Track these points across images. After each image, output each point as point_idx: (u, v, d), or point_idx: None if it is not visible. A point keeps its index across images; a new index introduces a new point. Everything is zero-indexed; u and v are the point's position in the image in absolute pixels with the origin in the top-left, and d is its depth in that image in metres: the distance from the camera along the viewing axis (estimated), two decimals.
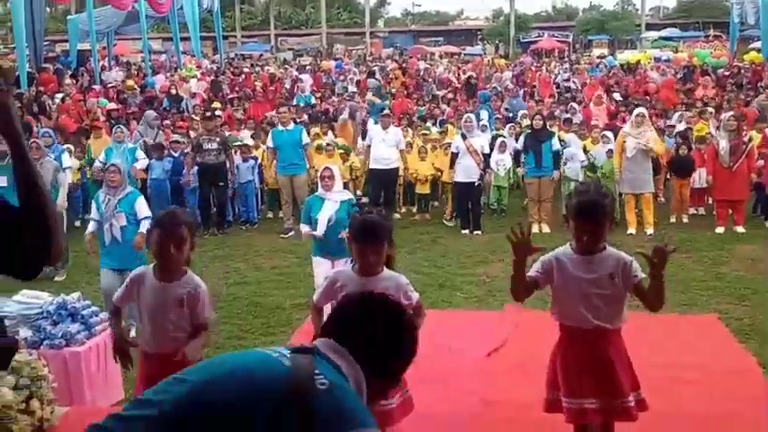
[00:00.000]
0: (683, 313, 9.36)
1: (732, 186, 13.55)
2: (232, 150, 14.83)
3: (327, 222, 8.32)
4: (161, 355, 5.08)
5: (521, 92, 24.08)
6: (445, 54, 48.28)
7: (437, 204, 16.07)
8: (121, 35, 37.26)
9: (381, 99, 23.76)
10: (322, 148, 15.35)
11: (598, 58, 39.76)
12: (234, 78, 29.64)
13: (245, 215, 15.25)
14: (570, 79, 28.30)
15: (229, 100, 23.65)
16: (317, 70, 34.11)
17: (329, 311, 5.13)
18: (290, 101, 23.27)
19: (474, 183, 13.76)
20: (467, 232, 13.91)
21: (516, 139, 15.75)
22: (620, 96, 23.39)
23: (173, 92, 24.06)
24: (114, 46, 35.59)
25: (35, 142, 11.83)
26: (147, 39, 33.12)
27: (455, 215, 14.67)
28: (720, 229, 13.48)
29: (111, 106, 21.58)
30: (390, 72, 31.51)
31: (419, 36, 65.24)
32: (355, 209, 8.11)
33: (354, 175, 15.62)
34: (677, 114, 18.43)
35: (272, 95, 24.63)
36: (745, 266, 11.41)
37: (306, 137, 14.69)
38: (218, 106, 21.51)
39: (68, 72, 28.55)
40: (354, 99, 22.48)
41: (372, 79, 28.13)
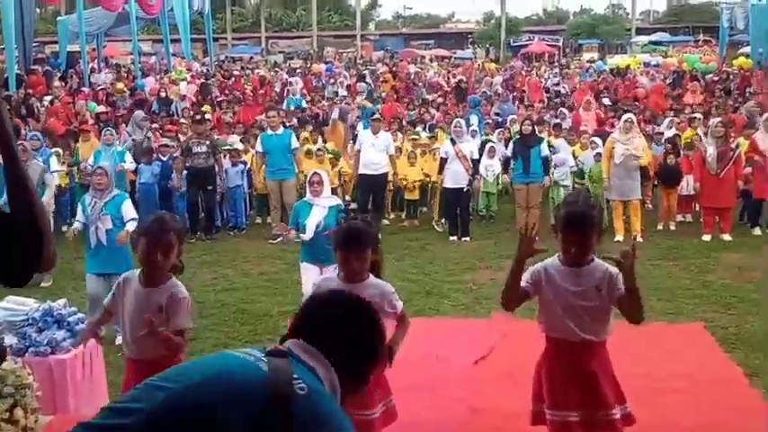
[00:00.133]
0: (669, 322, 9.37)
1: (719, 193, 13.57)
2: (221, 154, 14.80)
3: (316, 228, 8.28)
4: (143, 361, 5.06)
5: (510, 96, 24.11)
6: (436, 57, 48.31)
7: (426, 210, 16.07)
8: (111, 37, 37.13)
9: (373, 103, 23.76)
10: (311, 152, 15.34)
11: (588, 62, 39.85)
12: (224, 81, 29.58)
13: (233, 220, 15.20)
14: (560, 84, 28.36)
15: (218, 103, 23.58)
16: (307, 73, 34.10)
17: None
18: (280, 104, 23.23)
19: (463, 188, 13.76)
20: (455, 239, 13.91)
21: (506, 145, 15.75)
22: (609, 101, 23.44)
23: (162, 95, 23.98)
24: (104, 48, 35.43)
25: (22, 145, 11.81)
26: (138, 40, 33.00)
27: (443, 219, 14.67)
28: (707, 237, 13.50)
29: (101, 109, 21.52)
30: (381, 75, 31.51)
31: (410, 39, 65.29)
32: (341, 215, 8.09)
33: (343, 181, 15.59)
34: (667, 120, 18.45)
35: (262, 99, 24.61)
36: (732, 275, 11.43)
37: (295, 141, 14.69)
38: (208, 110, 21.48)
39: (57, 74, 28.44)
40: (345, 102, 22.46)
41: (363, 83, 28.12)
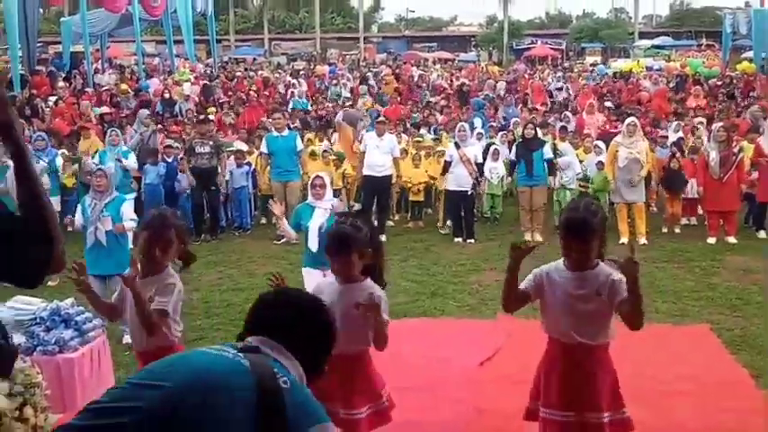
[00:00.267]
0: (674, 324, 9.39)
1: (723, 197, 13.58)
2: (225, 154, 14.83)
3: (318, 230, 8.19)
4: (148, 352, 5.09)
5: (513, 99, 24.11)
6: (439, 60, 48.36)
7: (430, 212, 16.08)
8: (115, 38, 37.20)
9: (382, 105, 23.74)
10: (316, 153, 15.35)
11: (591, 65, 39.88)
12: (227, 83, 29.61)
13: (238, 221, 15.23)
14: (563, 87, 28.36)
15: (220, 104, 23.59)
16: (310, 75, 34.11)
17: None
18: (284, 106, 23.25)
19: (466, 192, 13.78)
20: (460, 240, 13.92)
21: (509, 147, 15.76)
22: (612, 105, 23.44)
23: (166, 96, 24.02)
24: (107, 48, 35.50)
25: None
26: (141, 41, 33.03)
27: (447, 222, 14.70)
28: (712, 240, 13.51)
29: (105, 110, 21.54)
30: (383, 78, 31.53)
31: (413, 41, 65.41)
32: (333, 218, 7.99)
33: (347, 183, 15.59)
34: (674, 124, 18.42)
35: (266, 100, 24.63)
36: (737, 277, 11.43)
37: (300, 143, 14.73)
38: (212, 111, 21.51)
39: (61, 75, 28.48)
40: (354, 106, 22.46)
41: (364, 85, 28.11)
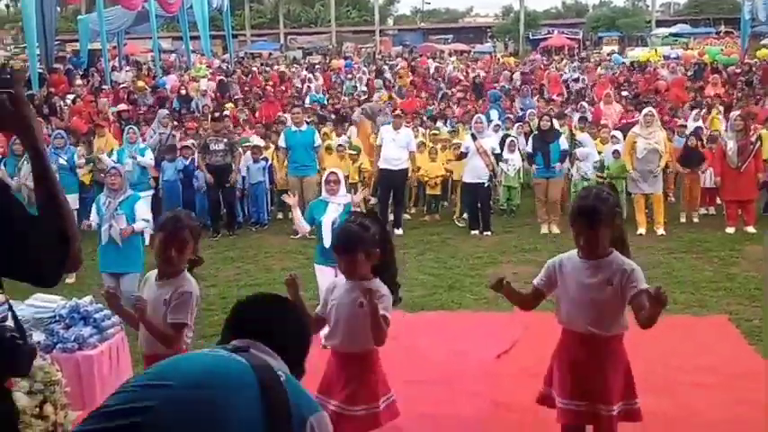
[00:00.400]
0: (693, 315, 9.38)
1: (740, 186, 13.54)
2: (240, 151, 14.88)
3: (331, 225, 8.18)
4: (158, 355, 5.08)
5: (530, 90, 24.03)
6: (455, 52, 48.21)
7: (447, 205, 16.07)
8: (131, 35, 37.34)
9: (401, 98, 23.70)
10: (331, 148, 15.36)
11: (608, 55, 39.67)
12: (242, 78, 29.65)
13: (255, 216, 15.26)
14: (579, 78, 28.25)
15: (235, 100, 23.64)
16: (326, 69, 34.10)
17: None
18: (300, 100, 23.23)
19: (483, 183, 13.77)
20: (476, 233, 13.90)
21: (526, 139, 15.72)
22: (629, 95, 23.33)
23: (183, 92, 24.09)
24: (124, 46, 35.67)
25: None
26: (157, 38, 33.13)
27: (464, 215, 14.69)
28: (731, 230, 13.45)
29: (122, 107, 21.59)
30: (398, 71, 31.49)
31: (428, 34, 65.22)
32: (344, 214, 7.98)
33: (363, 177, 15.58)
34: (694, 113, 18.31)
35: (282, 95, 24.64)
36: (756, 267, 11.32)
37: (318, 139, 14.75)
38: (230, 107, 21.54)
39: (79, 73, 28.60)
40: (369, 100, 22.42)
41: (379, 79, 28.09)
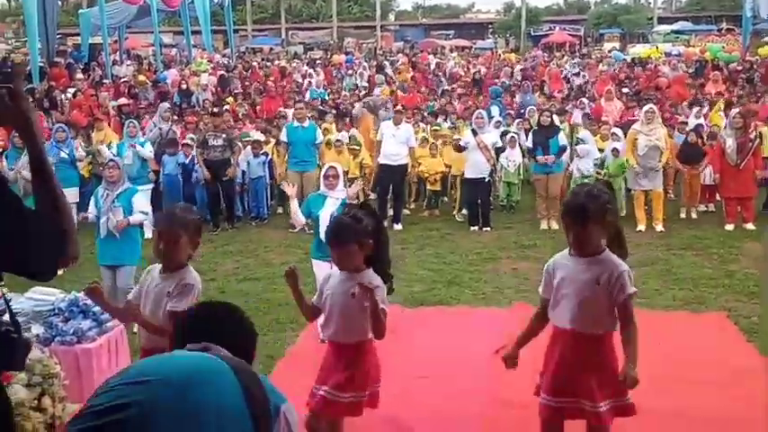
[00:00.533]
0: (692, 311, 9.41)
1: (739, 184, 13.56)
2: (239, 146, 14.88)
3: (329, 219, 8.16)
4: (156, 349, 5.08)
5: (530, 86, 24.04)
6: (456, 48, 48.16)
7: (446, 200, 16.08)
8: (132, 29, 37.33)
9: (404, 92, 23.70)
10: (331, 143, 15.36)
11: (609, 51, 39.63)
12: (243, 73, 29.64)
13: (255, 211, 15.29)
14: (580, 74, 28.23)
15: (235, 95, 23.64)
16: (327, 64, 34.09)
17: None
18: (301, 95, 23.22)
19: (484, 179, 13.77)
20: (476, 229, 13.91)
21: (526, 135, 15.72)
22: (629, 91, 23.30)
23: (183, 86, 24.09)
24: (126, 40, 35.66)
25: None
26: (159, 32, 33.13)
27: (463, 210, 14.71)
28: (730, 227, 13.46)
29: (123, 101, 21.60)
30: (398, 66, 31.48)
31: (430, 29, 65.21)
32: (340, 208, 8.01)
33: (364, 172, 15.56)
34: (695, 110, 18.28)
35: (282, 90, 24.64)
36: (755, 264, 11.37)
37: (320, 135, 14.77)
38: (231, 101, 21.55)
39: (80, 67, 28.60)
40: (369, 95, 22.42)
41: (380, 74, 28.07)
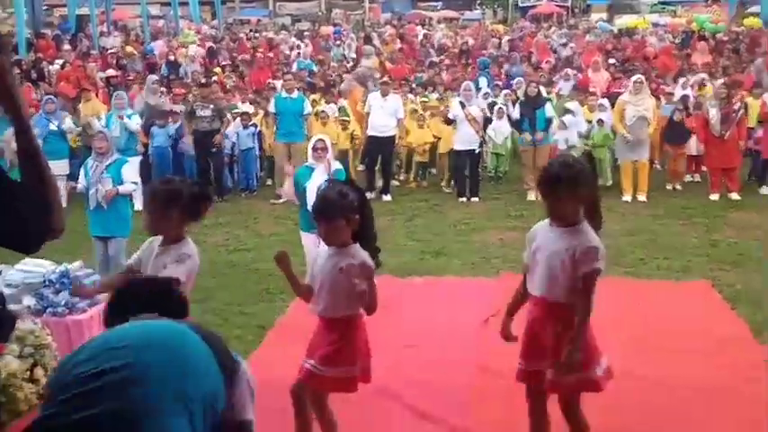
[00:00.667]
0: (676, 280, 9.50)
1: (724, 154, 13.64)
2: (228, 117, 14.89)
3: (317, 191, 8.15)
4: None
5: (518, 57, 24.02)
6: (444, 19, 47.93)
7: (435, 172, 16.13)
8: (120, 0, 37.05)
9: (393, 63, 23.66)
10: (318, 114, 15.32)
11: (596, 22, 39.56)
12: (230, 44, 29.47)
13: (244, 182, 15.33)
14: (567, 45, 28.18)
15: (222, 67, 23.54)
16: (315, 36, 33.91)
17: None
18: (288, 67, 23.14)
19: (473, 150, 13.83)
20: (464, 200, 13.99)
21: (513, 106, 15.75)
22: (616, 61, 23.31)
23: (171, 58, 23.98)
24: (113, 11, 35.37)
25: None
26: (146, 3, 32.88)
27: (451, 182, 14.77)
28: (715, 196, 13.57)
29: (111, 73, 21.50)
30: (387, 37, 31.36)
31: (417, 1, 64.79)
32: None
33: (354, 144, 15.58)
34: (681, 81, 18.31)
35: (270, 62, 24.55)
36: (739, 233, 11.50)
37: (308, 107, 14.74)
38: (219, 72, 21.49)
39: (67, 38, 28.41)
40: (357, 66, 22.38)
41: (368, 45, 27.99)
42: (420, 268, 10.20)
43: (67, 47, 25.85)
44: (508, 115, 15.22)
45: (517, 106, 14.90)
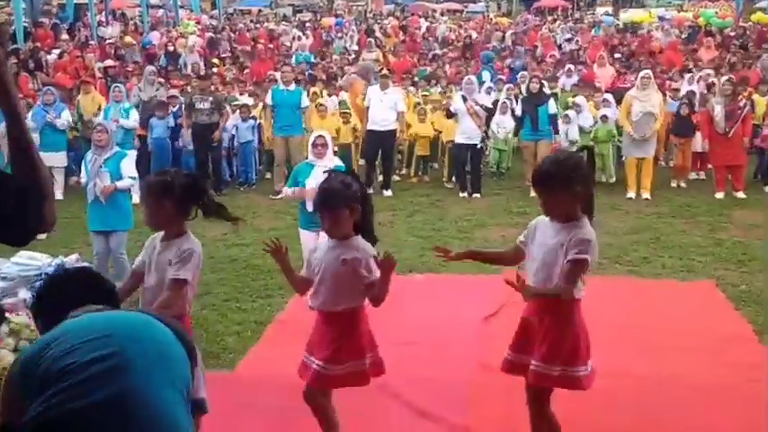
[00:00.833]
0: (680, 279, 9.43)
1: (729, 152, 13.53)
2: (227, 110, 14.77)
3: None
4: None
5: (523, 51, 23.89)
6: (447, 11, 47.78)
7: (436, 167, 16.01)
8: None
9: (396, 57, 23.58)
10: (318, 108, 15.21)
11: (602, 15, 39.42)
12: (230, 35, 29.32)
13: (243, 176, 15.23)
14: (573, 39, 28.04)
15: (222, 58, 23.41)
16: (317, 27, 33.79)
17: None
18: (289, 59, 23.03)
19: (475, 145, 13.72)
20: (465, 195, 13.88)
21: (516, 101, 15.63)
22: (621, 56, 23.20)
23: (170, 48, 23.84)
24: (111, 0, 35.24)
25: None
26: None
27: (453, 178, 14.66)
28: (720, 195, 13.45)
29: (109, 63, 21.36)
30: (388, 29, 31.25)
31: None
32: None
33: (356, 137, 15.42)
34: (688, 76, 18.17)
35: (271, 53, 24.42)
36: (744, 232, 11.40)
37: (306, 100, 14.62)
38: (218, 63, 21.37)
39: (65, 27, 28.27)
40: (358, 59, 22.29)
41: (371, 38, 27.88)
42: (420, 265, 10.09)
43: (65, 36, 25.71)
44: (512, 110, 15.11)
45: (519, 102, 14.79)
